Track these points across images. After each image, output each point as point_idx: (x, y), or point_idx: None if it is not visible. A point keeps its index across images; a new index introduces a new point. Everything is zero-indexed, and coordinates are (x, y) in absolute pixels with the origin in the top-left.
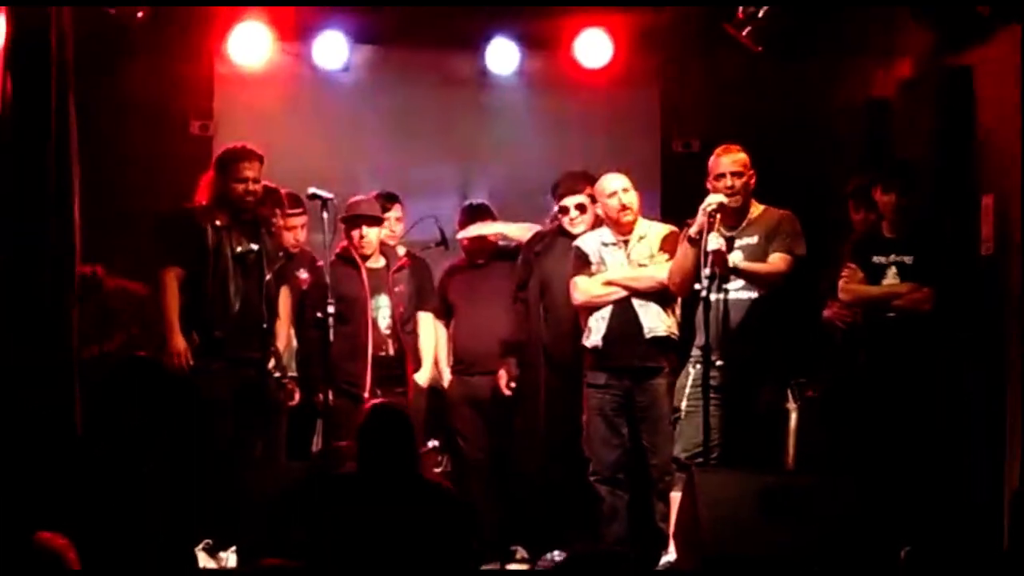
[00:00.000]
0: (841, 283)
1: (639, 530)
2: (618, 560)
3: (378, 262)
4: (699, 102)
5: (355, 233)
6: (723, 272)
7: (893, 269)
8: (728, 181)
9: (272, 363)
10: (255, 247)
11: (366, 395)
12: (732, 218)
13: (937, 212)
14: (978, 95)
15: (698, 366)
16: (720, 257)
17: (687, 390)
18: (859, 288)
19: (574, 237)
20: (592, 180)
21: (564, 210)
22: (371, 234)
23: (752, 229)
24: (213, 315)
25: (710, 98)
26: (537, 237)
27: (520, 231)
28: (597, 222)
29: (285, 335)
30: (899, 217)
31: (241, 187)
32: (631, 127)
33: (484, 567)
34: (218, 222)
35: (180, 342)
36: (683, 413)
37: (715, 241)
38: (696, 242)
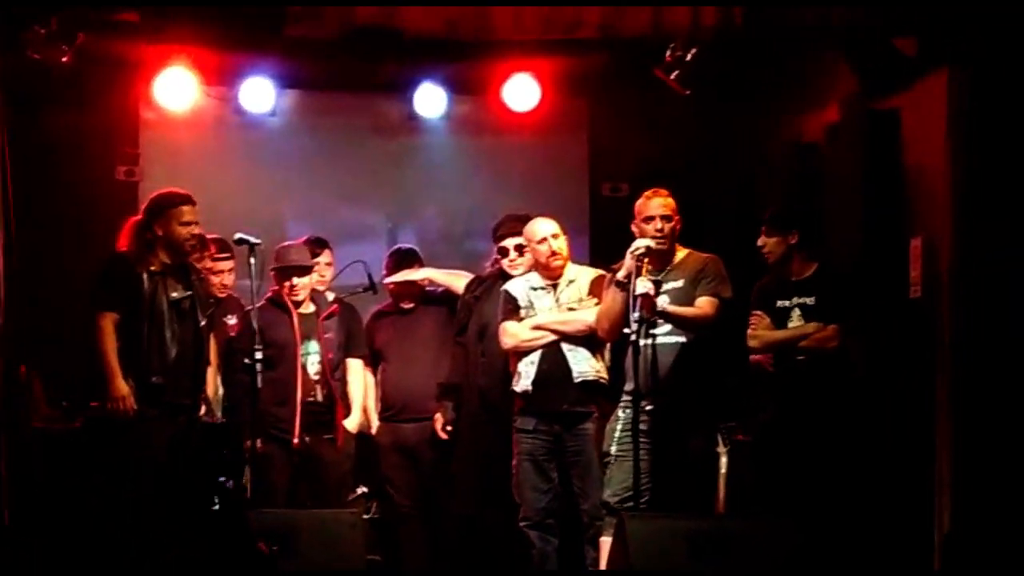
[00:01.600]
0: (749, 331)
1: None
2: None
3: (308, 308)
4: (628, 146)
5: (286, 283)
6: (651, 316)
7: (797, 311)
8: (657, 224)
9: (203, 410)
10: (189, 293)
11: (295, 440)
12: (658, 262)
13: (866, 254)
14: (905, 138)
15: (627, 410)
16: (648, 301)
17: (617, 434)
18: (766, 334)
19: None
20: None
21: (504, 251)
22: (302, 282)
23: (677, 273)
24: (150, 361)
25: (639, 142)
26: (476, 281)
27: (448, 277)
28: (531, 264)
29: (213, 382)
30: (782, 261)
31: (186, 231)
32: (560, 171)
33: None
34: (153, 268)
35: (122, 386)
36: (613, 458)
37: (643, 285)
38: (624, 286)
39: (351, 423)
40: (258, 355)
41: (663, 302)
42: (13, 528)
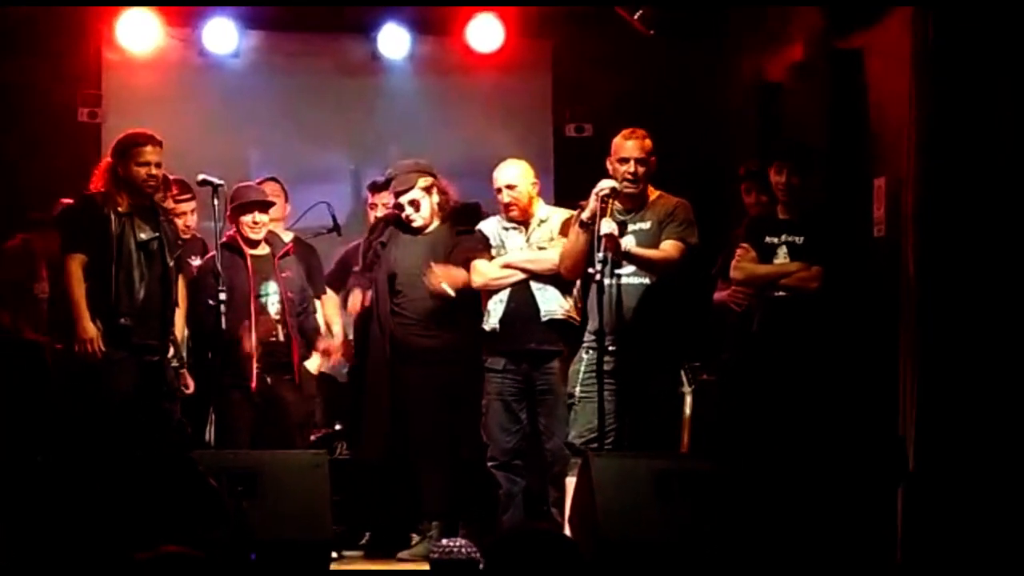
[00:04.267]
0: (733, 262)
1: (535, 517)
2: (556, 541)
3: (263, 249)
4: (592, 86)
5: (247, 219)
6: (616, 257)
7: (784, 249)
8: (631, 167)
9: (171, 352)
10: (157, 234)
11: (253, 384)
12: (628, 202)
13: (830, 194)
14: (869, 78)
15: (591, 351)
16: (612, 242)
17: (580, 375)
18: (749, 267)
19: (416, 231)
20: (426, 170)
21: (399, 207)
22: (263, 219)
23: (647, 215)
24: (118, 303)
25: (603, 82)
26: (382, 223)
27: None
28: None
29: (181, 324)
30: (792, 198)
31: (144, 171)
32: (524, 111)
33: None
34: (120, 209)
35: (90, 328)
36: (577, 399)
37: (607, 226)
38: (587, 226)
39: (312, 364)
40: (222, 296)
41: (628, 243)
42: None
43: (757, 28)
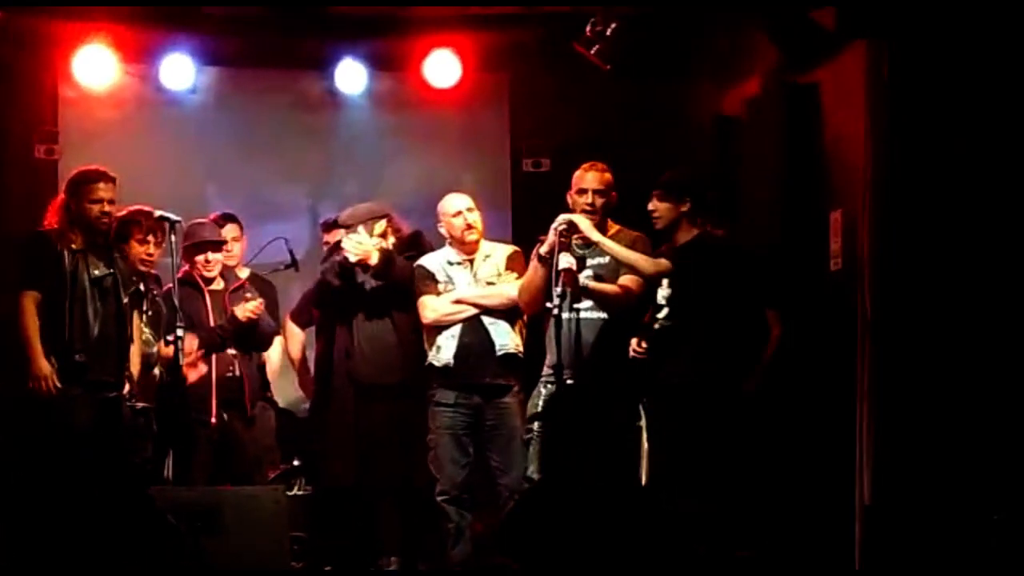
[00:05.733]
0: None
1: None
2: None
3: (219, 285)
4: (549, 121)
5: (199, 258)
6: (574, 291)
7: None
8: (589, 198)
9: (127, 388)
10: (111, 271)
11: (212, 419)
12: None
13: (786, 227)
14: (825, 112)
15: (549, 385)
16: (571, 276)
17: (539, 409)
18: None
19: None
20: (380, 214)
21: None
22: (216, 257)
23: (603, 254)
24: (72, 339)
25: (560, 117)
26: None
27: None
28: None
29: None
30: (682, 227)
31: (97, 208)
32: (481, 146)
33: None
34: (74, 245)
35: (44, 365)
36: (535, 433)
37: (565, 260)
38: (546, 260)
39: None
40: (179, 332)
41: (585, 278)
42: None
43: (714, 63)
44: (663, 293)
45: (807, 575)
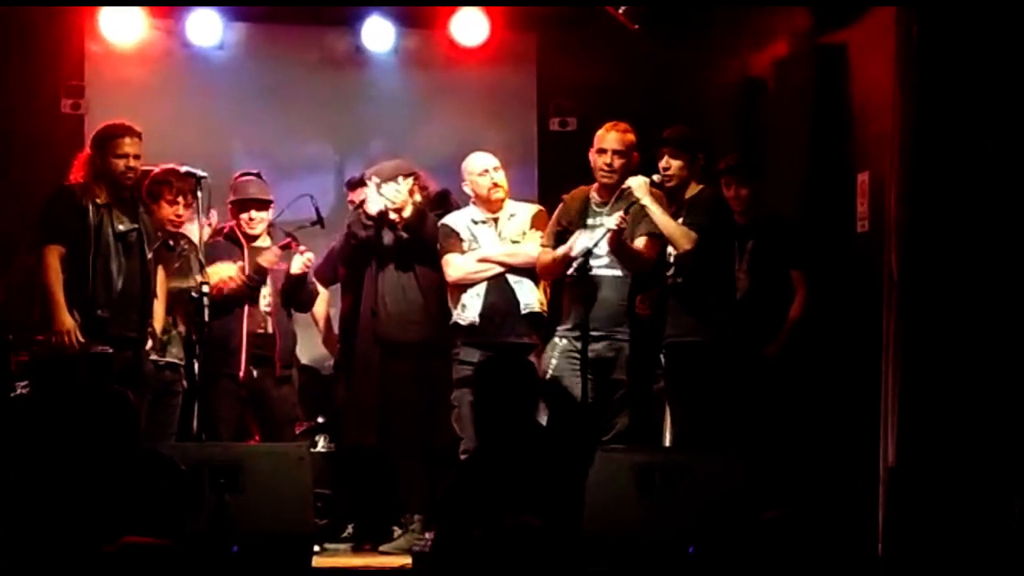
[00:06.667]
0: None
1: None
2: (534, 534)
3: (264, 242)
4: (576, 81)
5: (244, 215)
6: (615, 250)
7: None
8: (608, 158)
9: (149, 344)
10: (135, 226)
11: (241, 374)
12: (605, 194)
13: (812, 190)
14: (853, 73)
15: (563, 340)
16: (616, 236)
17: (553, 364)
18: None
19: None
20: (407, 171)
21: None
22: (260, 216)
23: (622, 207)
24: (95, 294)
25: (587, 76)
26: (362, 220)
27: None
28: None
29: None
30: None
31: (122, 163)
32: (508, 105)
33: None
34: (99, 200)
35: (68, 320)
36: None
37: (613, 220)
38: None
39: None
40: (204, 288)
41: (603, 232)
42: None
43: (742, 24)
44: (672, 251)
45: (831, 537)
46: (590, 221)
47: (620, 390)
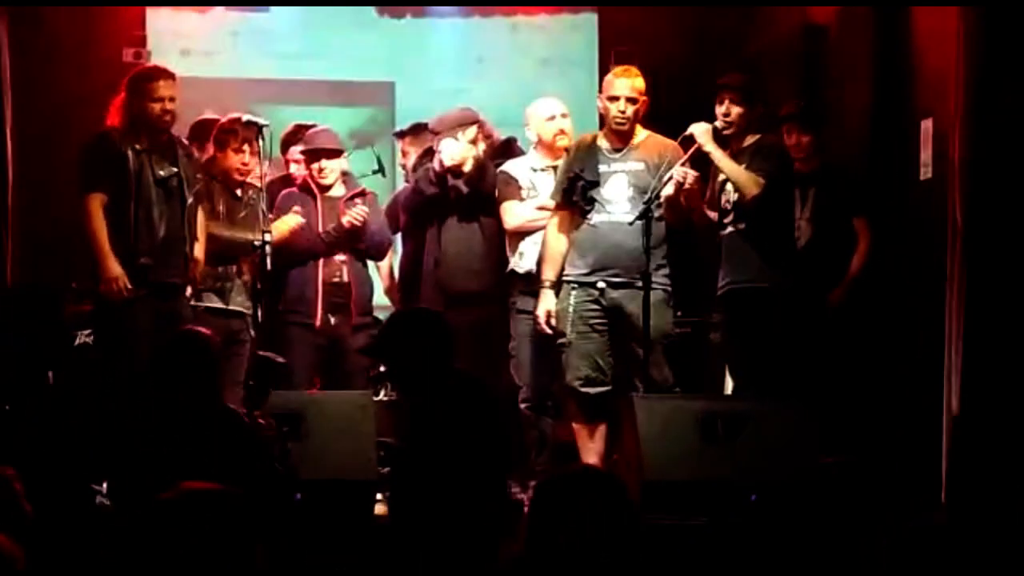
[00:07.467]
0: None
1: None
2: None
3: (338, 191)
4: (637, 29)
5: (314, 165)
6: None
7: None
8: (621, 105)
9: (189, 291)
10: (175, 171)
11: (317, 323)
12: (617, 140)
13: (875, 136)
14: (915, 19)
15: (575, 290)
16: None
17: (571, 316)
18: None
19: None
20: (471, 120)
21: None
22: (331, 165)
23: (636, 154)
24: (138, 242)
25: (648, 25)
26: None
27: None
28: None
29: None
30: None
31: (158, 107)
32: (569, 53)
33: None
34: (138, 146)
35: (115, 267)
36: (567, 341)
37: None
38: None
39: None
40: (267, 236)
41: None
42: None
43: None
44: (730, 198)
45: (893, 485)
46: (603, 168)
47: (655, 342)
